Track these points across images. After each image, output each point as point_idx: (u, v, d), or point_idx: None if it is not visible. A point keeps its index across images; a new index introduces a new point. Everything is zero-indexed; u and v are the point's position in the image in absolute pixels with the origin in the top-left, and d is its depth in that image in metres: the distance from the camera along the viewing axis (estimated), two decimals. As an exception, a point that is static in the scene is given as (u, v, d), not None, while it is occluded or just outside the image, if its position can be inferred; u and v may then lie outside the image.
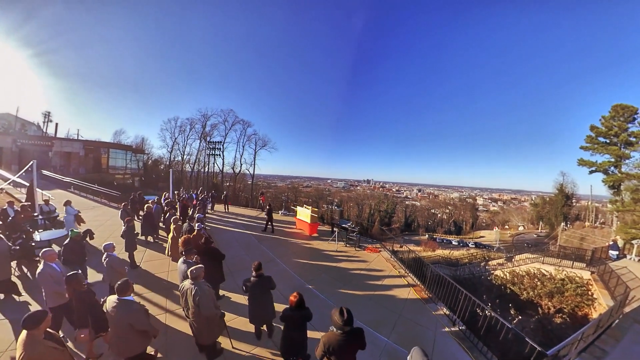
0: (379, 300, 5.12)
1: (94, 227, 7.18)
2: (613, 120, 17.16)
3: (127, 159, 30.56)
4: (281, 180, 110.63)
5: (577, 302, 8.97)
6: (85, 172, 24.14)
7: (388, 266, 7.12)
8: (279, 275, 5.49)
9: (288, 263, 6.58)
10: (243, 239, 8.39)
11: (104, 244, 3.92)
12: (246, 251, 7.21)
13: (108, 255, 3.85)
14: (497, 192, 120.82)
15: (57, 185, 15.13)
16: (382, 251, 8.35)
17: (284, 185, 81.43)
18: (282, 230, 9.81)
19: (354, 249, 8.23)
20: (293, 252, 7.50)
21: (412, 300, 5.39)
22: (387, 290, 5.69)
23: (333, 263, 6.90)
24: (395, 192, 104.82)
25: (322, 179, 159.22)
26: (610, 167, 17.52)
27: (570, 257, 11.38)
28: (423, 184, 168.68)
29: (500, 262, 12.68)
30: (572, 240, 27.38)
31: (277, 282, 3.62)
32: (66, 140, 26.64)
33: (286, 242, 8.47)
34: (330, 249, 8.05)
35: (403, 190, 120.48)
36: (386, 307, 4.92)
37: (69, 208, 6.97)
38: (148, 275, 5.35)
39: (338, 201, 59.79)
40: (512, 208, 68.51)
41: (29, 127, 29.35)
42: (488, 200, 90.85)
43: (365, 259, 7.49)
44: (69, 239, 4.18)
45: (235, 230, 9.37)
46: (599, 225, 31.13)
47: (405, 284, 6.11)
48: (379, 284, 5.97)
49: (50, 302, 3.12)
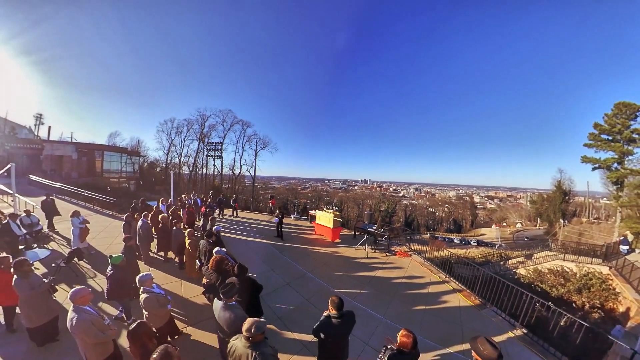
0: (435, 313, 4.82)
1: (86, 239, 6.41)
2: (616, 117, 17.53)
3: (122, 162, 29.36)
4: (279, 181, 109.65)
5: (605, 297, 8.93)
6: (78, 176, 22.92)
7: (426, 272, 6.83)
8: (318, 293, 5.10)
9: (323, 277, 5.95)
10: (261, 249, 7.60)
11: (139, 276, 3.10)
12: (270, 265, 6.39)
13: (146, 291, 3.01)
14: (493, 190, 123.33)
15: (46, 191, 14.18)
16: (412, 255, 8.05)
17: (282, 186, 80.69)
18: (300, 237, 9.28)
19: (385, 254, 7.89)
20: (323, 263, 6.91)
21: (465, 308, 5.11)
22: (437, 299, 5.41)
23: (369, 272, 6.51)
24: (392, 192, 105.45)
25: (319, 180, 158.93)
26: (613, 164, 17.87)
27: (589, 254, 11.41)
28: (419, 183, 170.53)
29: (521, 260, 12.60)
30: (571, 236, 27.94)
31: (320, 303, 3.17)
32: (58, 143, 25.31)
33: (310, 251, 7.87)
34: (359, 256, 7.64)
35: (400, 189, 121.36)
36: (446, 320, 4.62)
37: (74, 220, 6.00)
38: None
39: (337, 202, 59.69)
40: (509, 205, 69.91)
41: (19, 131, 27.84)
42: (485, 198, 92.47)
43: (399, 265, 7.18)
44: (112, 269, 3.42)
45: (249, 239, 8.56)
46: (595, 221, 31.95)
47: (451, 290, 5.84)
48: (425, 292, 5.67)
49: (94, 357, 2.44)
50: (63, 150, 24.32)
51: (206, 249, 4.68)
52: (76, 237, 5.92)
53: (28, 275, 3.05)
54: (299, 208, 14.39)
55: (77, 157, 24.76)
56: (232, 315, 2.48)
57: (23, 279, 2.99)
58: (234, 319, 2.44)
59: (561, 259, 11.43)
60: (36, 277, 3.15)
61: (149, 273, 3.17)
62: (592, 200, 37.06)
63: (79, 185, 14.45)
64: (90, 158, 26.15)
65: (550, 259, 11.79)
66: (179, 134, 34.22)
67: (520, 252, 14.92)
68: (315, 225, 9.79)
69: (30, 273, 3.09)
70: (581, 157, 19.70)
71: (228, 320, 2.47)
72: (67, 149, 24.56)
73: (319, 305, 4.51)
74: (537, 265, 11.44)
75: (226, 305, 2.56)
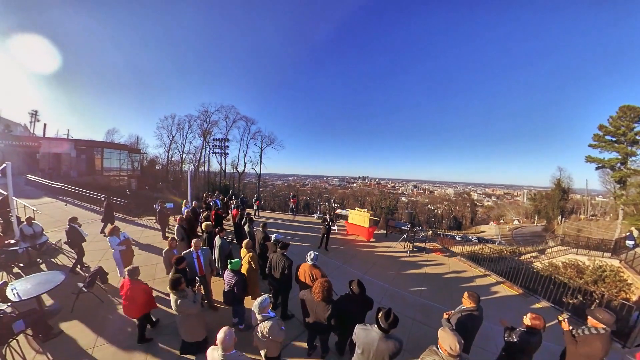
0: (494, 303, 5.34)
1: (99, 252, 5.68)
2: (620, 120, 18.39)
3: (121, 160, 28.58)
4: (277, 178, 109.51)
5: (619, 288, 9.70)
6: (77, 175, 22.14)
7: (466, 267, 7.36)
8: (385, 295, 5.18)
9: (380, 278, 6.03)
10: (304, 253, 7.41)
11: (260, 302, 2.64)
12: (324, 270, 6.01)
13: (265, 317, 2.64)
14: (490, 187, 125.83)
15: (45, 192, 12.83)
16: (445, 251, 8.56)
17: (282, 184, 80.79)
18: (333, 238, 8.89)
19: (423, 252, 8.36)
20: (373, 264, 7.02)
21: (514, 297, 5.67)
22: (488, 290, 5.94)
23: (419, 270, 6.90)
24: (391, 189, 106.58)
25: (317, 177, 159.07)
26: (617, 164, 18.79)
27: (599, 248, 12.20)
28: (417, 180, 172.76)
29: (534, 255, 13.34)
30: (570, 233, 29.17)
31: (398, 307, 3.44)
32: (55, 140, 24.41)
33: (353, 251, 7.96)
34: (402, 254, 8.02)
35: (399, 186, 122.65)
36: (504, 308, 5.14)
37: (112, 239, 4.69)
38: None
39: (339, 199, 60.21)
40: (506, 203, 71.71)
41: (14, 128, 26.84)
42: (482, 195, 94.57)
43: (441, 261, 7.68)
44: (235, 274, 3.36)
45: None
46: (593, 218, 33.33)
47: (494, 282, 6.39)
48: (476, 285, 6.19)
49: None
50: (61, 148, 23.39)
51: (284, 265, 3.85)
52: (119, 262, 4.74)
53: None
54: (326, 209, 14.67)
55: (76, 155, 23.91)
56: (396, 344, 2.20)
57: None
58: (399, 347, 2.20)
59: (574, 253, 12.18)
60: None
61: (267, 297, 2.75)
62: (589, 198, 38.50)
63: (79, 184, 13.71)
64: (89, 156, 25.38)
65: (563, 253, 12.55)
66: (180, 131, 33.82)
67: (532, 248, 15.72)
68: (348, 225, 9.96)
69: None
70: (586, 156, 20.65)
71: (393, 350, 2.18)
72: (65, 147, 23.59)
73: (393, 307, 4.60)
74: (551, 259, 12.17)
75: (388, 336, 2.21)
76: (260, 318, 2.64)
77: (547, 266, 11.83)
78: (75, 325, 3.61)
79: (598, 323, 2.45)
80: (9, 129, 25.36)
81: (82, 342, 3.34)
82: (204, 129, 34.07)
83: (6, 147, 20.35)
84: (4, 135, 21.92)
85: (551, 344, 3.45)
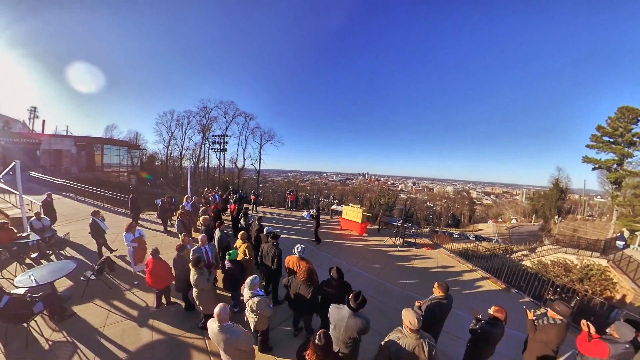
0: (477, 297, 5.67)
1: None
2: (619, 121, 18.45)
3: (120, 156, 28.85)
4: (277, 174, 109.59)
5: (604, 286, 10.06)
6: (78, 171, 22.54)
7: (454, 262, 7.69)
8: (370, 286, 5.44)
9: (368, 270, 6.35)
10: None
11: (252, 280, 3.01)
12: (315, 261, 6.23)
13: (254, 294, 3.02)
14: (489, 186, 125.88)
15: (47, 188, 12.60)
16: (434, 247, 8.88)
17: (281, 180, 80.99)
18: (328, 232, 9.57)
19: (413, 247, 8.69)
20: (362, 257, 7.29)
21: (496, 291, 5.98)
22: (473, 285, 6.26)
23: (407, 263, 7.24)
24: (390, 186, 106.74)
25: (317, 173, 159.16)
26: (613, 165, 18.93)
27: (589, 248, 12.52)
28: (417, 177, 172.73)
29: (525, 253, 13.69)
30: (565, 233, 29.51)
31: (383, 297, 3.85)
32: (55, 137, 24.52)
33: (344, 246, 8.23)
34: (392, 248, 8.34)
35: (398, 183, 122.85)
36: (486, 301, 5.39)
37: (127, 235, 4.87)
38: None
39: (338, 195, 60.56)
40: (505, 201, 71.94)
41: (13, 125, 27.03)
42: (481, 193, 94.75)
43: (429, 255, 8.01)
44: (231, 264, 3.76)
45: (281, 235, 8.70)
46: (589, 218, 33.60)
47: (480, 277, 6.71)
48: (462, 280, 6.51)
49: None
50: (61, 145, 23.56)
51: (273, 254, 4.22)
52: (131, 258, 4.95)
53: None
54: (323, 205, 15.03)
55: (77, 152, 24.16)
56: (363, 322, 2.45)
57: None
58: (366, 325, 2.46)
59: (563, 252, 12.52)
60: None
61: (256, 276, 3.13)
62: (587, 198, 38.72)
63: (80, 180, 14.14)
64: (90, 152, 25.74)
65: (552, 252, 12.89)
66: (179, 127, 34.03)
67: (524, 246, 16.09)
68: (342, 220, 10.30)
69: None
70: (582, 157, 20.76)
71: (360, 327, 2.43)
72: (65, 143, 23.79)
73: (377, 297, 5.07)
74: (541, 258, 12.52)
75: (356, 314, 2.46)
76: (249, 294, 2.96)
77: (536, 264, 12.20)
78: (87, 308, 3.99)
79: (556, 314, 2.70)
80: (8, 125, 25.50)
81: (94, 322, 3.71)
82: (203, 124, 34.28)
83: (7, 144, 20.64)
84: (5, 132, 22.19)
85: (519, 333, 3.78)
